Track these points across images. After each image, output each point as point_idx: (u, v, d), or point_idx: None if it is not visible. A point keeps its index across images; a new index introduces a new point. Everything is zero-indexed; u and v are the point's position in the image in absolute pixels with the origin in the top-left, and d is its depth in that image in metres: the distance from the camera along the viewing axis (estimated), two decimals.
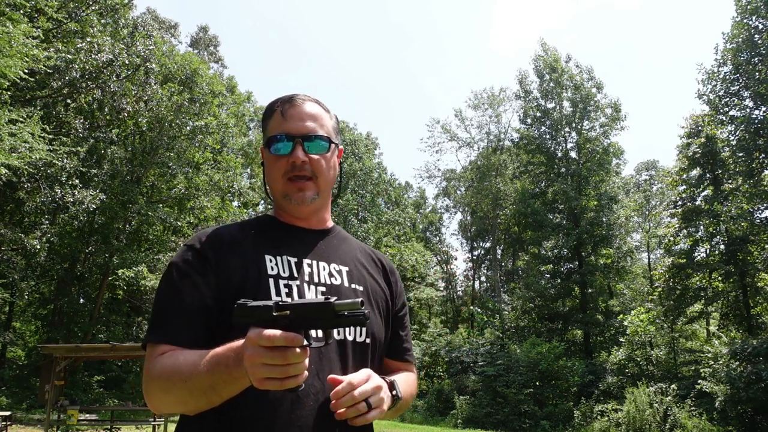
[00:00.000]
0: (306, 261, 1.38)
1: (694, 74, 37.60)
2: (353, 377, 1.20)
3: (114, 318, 24.37)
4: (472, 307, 34.59)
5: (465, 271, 45.72)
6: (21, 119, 12.63)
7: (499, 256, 40.95)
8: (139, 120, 22.08)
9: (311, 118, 1.41)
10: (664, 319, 20.65)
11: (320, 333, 1.17)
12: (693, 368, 18.65)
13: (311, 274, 1.36)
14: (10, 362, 24.16)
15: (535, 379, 20.96)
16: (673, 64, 76.64)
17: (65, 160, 16.72)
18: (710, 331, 21.46)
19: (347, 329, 1.33)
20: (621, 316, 22.94)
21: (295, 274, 1.34)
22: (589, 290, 26.05)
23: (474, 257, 44.65)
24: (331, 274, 1.40)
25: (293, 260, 1.36)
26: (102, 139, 21.53)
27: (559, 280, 27.13)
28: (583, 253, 26.55)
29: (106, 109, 20.72)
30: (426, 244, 43.21)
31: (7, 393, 19.61)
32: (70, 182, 18.49)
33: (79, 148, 17.75)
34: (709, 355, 16.58)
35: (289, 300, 1.07)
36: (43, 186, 17.83)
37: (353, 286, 1.42)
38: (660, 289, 21.99)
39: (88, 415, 15.30)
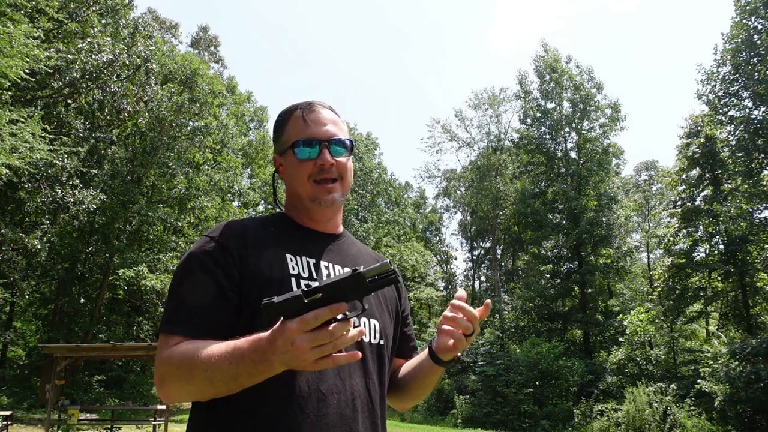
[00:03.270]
0: (323, 263, 1.43)
1: (693, 75, 37.69)
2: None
3: (114, 318, 24.40)
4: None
5: (465, 271, 45.84)
6: (22, 119, 12.67)
7: (499, 256, 40.98)
8: (140, 120, 22.11)
9: (332, 122, 1.47)
10: (663, 318, 20.66)
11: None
12: (692, 368, 18.66)
13: (329, 276, 1.41)
14: (11, 362, 24.19)
15: (535, 379, 20.98)
16: (672, 65, 76.77)
17: (66, 160, 16.77)
18: (710, 330, 21.47)
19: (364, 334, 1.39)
20: (620, 315, 22.94)
21: (314, 275, 1.38)
22: (589, 290, 26.07)
23: (474, 257, 44.70)
24: None
25: (311, 261, 1.41)
26: (102, 139, 21.55)
27: (558, 280, 27.13)
28: (582, 253, 26.56)
29: (106, 110, 20.75)
30: (426, 244, 43.24)
31: (8, 392, 19.63)
32: (71, 182, 18.52)
33: (79, 148, 17.80)
34: (709, 354, 16.60)
35: (314, 284, 1.06)
36: (43, 186, 17.85)
37: None
38: (659, 289, 22.00)
39: (88, 415, 15.33)
